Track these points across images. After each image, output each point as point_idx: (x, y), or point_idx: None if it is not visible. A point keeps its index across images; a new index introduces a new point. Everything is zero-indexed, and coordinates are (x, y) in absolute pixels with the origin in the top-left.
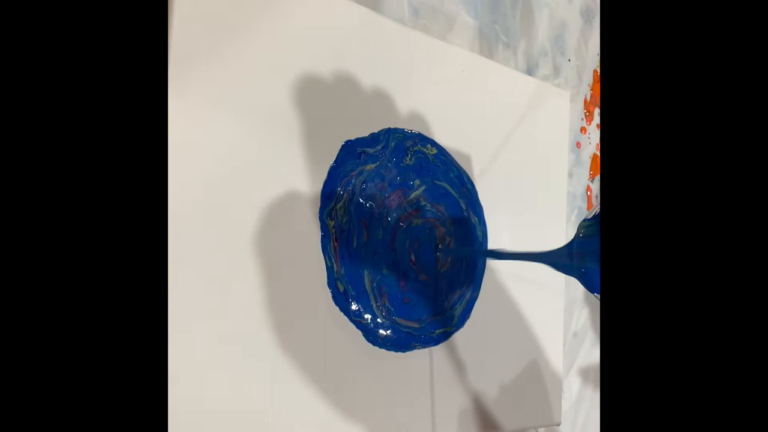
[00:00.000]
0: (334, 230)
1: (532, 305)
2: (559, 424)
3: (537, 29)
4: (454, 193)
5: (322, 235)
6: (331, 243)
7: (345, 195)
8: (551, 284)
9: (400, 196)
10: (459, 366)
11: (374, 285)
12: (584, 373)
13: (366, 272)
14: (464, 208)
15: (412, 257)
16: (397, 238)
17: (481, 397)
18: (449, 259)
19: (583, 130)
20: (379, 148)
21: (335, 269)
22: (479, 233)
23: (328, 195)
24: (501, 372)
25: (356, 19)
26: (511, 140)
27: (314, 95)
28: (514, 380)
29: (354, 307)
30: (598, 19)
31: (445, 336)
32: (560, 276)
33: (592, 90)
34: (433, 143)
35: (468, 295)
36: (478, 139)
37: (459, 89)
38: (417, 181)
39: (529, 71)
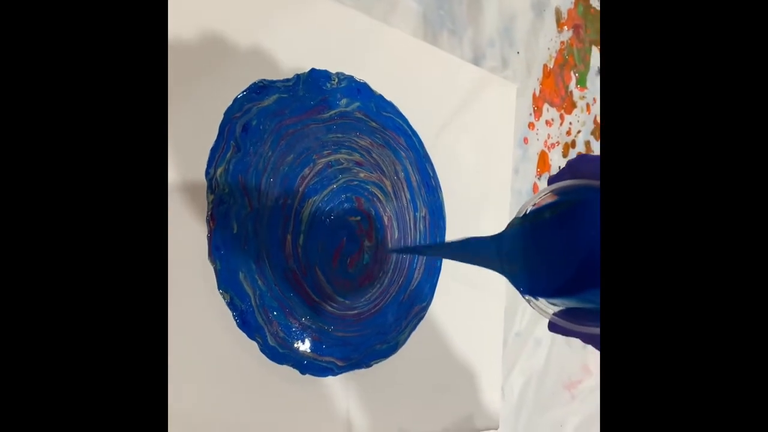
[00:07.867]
0: (211, 208)
1: (470, 302)
2: (497, 429)
3: (485, 18)
4: (416, 142)
5: (206, 219)
6: (208, 227)
7: (230, 151)
8: (491, 280)
9: (313, 113)
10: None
11: (257, 300)
12: (527, 375)
13: (241, 274)
14: (431, 174)
15: (334, 263)
16: (299, 199)
17: (411, 401)
18: (420, 269)
19: (531, 125)
20: (290, 84)
21: (214, 266)
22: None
23: (211, 157)
24: (433, 375)
25: None
26: (452, 132)
27: (237, 72)
28: (448, 383)
29: (245, 320)
30: (550, 13)
31: (382, 361)
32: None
33: (542, 85)
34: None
35: (422, 314)
36: (416, 129)
37: (397, 75)
38: (345, 100)
39: (476, 61)
